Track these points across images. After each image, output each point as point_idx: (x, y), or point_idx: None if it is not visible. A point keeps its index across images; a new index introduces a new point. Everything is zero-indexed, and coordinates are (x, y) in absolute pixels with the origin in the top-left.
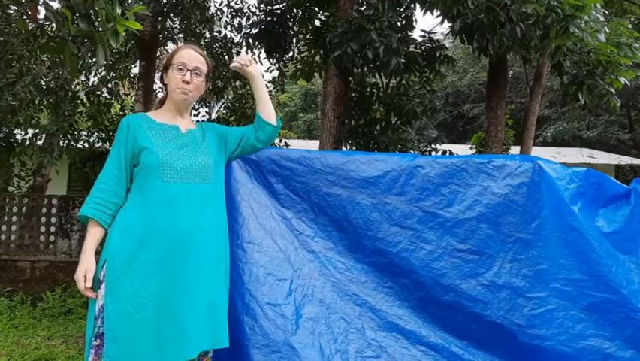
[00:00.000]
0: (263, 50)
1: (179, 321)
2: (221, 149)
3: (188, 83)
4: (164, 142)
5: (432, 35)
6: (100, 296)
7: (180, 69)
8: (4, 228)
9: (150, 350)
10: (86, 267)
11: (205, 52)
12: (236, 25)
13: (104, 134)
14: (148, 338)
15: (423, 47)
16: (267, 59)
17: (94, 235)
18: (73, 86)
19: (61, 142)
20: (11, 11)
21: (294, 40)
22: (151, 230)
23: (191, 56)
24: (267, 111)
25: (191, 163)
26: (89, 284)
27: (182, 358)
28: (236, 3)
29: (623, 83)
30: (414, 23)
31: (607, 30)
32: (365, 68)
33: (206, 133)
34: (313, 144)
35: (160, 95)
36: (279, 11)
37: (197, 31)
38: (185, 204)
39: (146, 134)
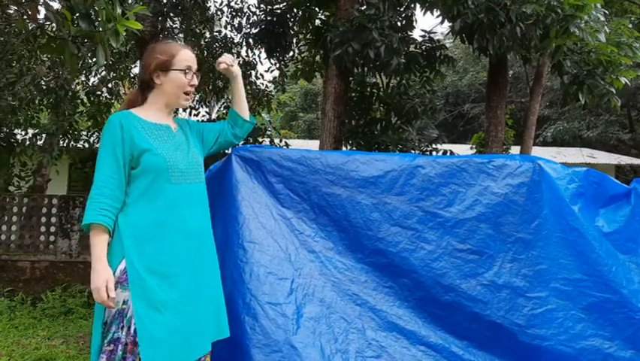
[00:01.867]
0: (263, 50)
1: (198, 318)
2: (201, 146)
3: (194, 86)
4: (163, 143)
5: (432, 35)
6: (114, 301)
7: (187, 72)
8: (4, 228)
9: (181, 350)
10: (106, 276)
11: (205, 52)
12: (237, 25)
13: None
14: (180, 338)
15: (423, 47)
16: (267, 59)
17: (103, 242)
18: (73, 86)
19: (61, 142)
20: (11, 11)
21: (295, 40)
22: (167, 232)
23: (192, 58)
24: (246, 110)
25: (190, 162)
26: (113, 294)
27: (204, 352)
28: (236, 3)
29: (624, 82)
30: (414, 23)
31: (607, 30)
32: (365, 68)
33: (186, 131)
34: (313, 144)
35: None
36: (279, 11)
37: (197, 31)
38: (189, 204)
39: (142, 135)
